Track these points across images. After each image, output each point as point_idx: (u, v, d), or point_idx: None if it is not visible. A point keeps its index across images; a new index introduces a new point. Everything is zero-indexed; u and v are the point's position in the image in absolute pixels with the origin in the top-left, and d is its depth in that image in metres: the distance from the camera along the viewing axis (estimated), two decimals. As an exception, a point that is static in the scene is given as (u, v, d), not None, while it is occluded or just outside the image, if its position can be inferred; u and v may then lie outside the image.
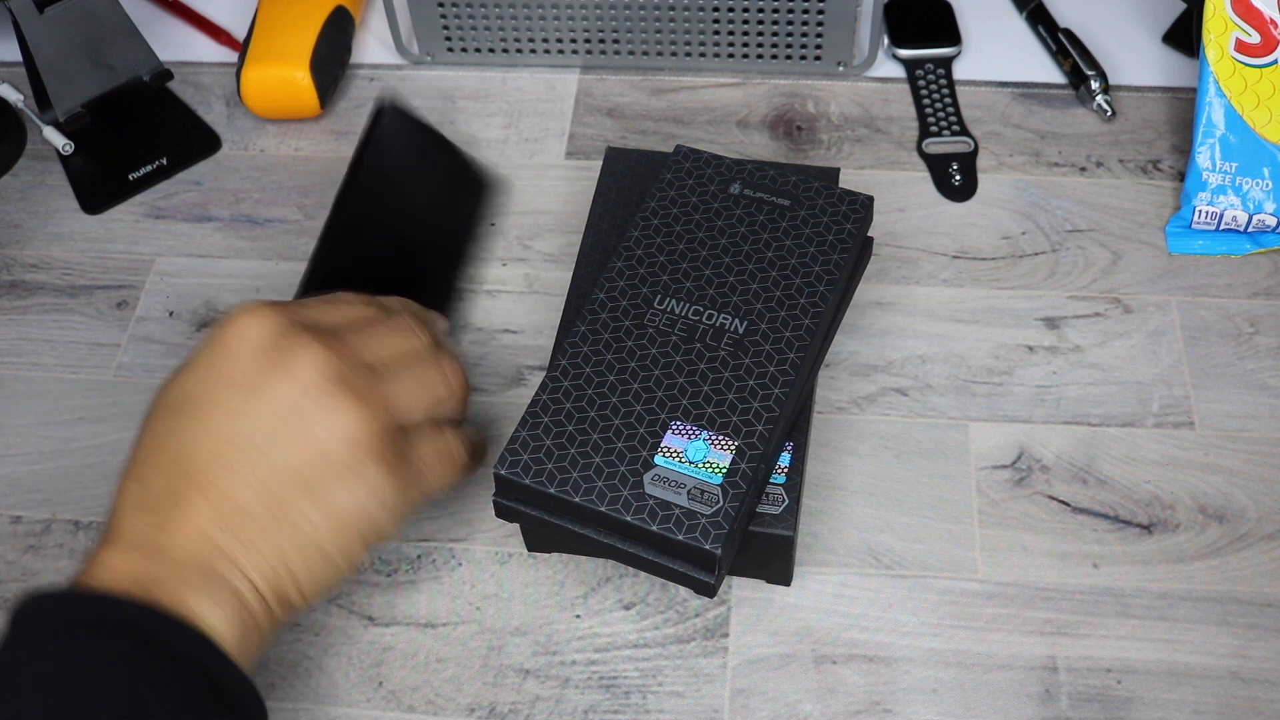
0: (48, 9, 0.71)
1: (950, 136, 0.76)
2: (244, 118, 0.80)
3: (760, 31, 0.78)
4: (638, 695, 0.56)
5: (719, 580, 0.52)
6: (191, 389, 0.49)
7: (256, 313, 0.49)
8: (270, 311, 0.49)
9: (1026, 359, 0.66)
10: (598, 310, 0.58)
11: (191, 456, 0.47)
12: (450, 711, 0.56)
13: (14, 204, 0.76)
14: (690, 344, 0.56)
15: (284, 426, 0.47)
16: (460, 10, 0.79)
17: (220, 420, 0.48)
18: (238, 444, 0.47)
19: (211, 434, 0.48)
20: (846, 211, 0.61)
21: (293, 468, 0.47)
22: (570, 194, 0.75)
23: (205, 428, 0.48)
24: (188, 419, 0.48)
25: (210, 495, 0.47)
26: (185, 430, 0.48)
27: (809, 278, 0.59)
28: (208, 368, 0.49)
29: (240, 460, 0.47)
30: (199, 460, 0.47)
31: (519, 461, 0.53)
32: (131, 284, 0.72)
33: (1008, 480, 0.62)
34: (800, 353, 0.56)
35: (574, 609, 0.59)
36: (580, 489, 0.52)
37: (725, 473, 0.52)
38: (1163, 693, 0.56)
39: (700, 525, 0.51)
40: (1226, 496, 0.61)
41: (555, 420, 0.54)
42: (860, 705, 0.56)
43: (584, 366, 0.56)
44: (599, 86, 0.81)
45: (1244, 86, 0.70)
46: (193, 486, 0.47)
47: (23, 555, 0.62)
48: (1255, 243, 0.70)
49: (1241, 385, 0.65)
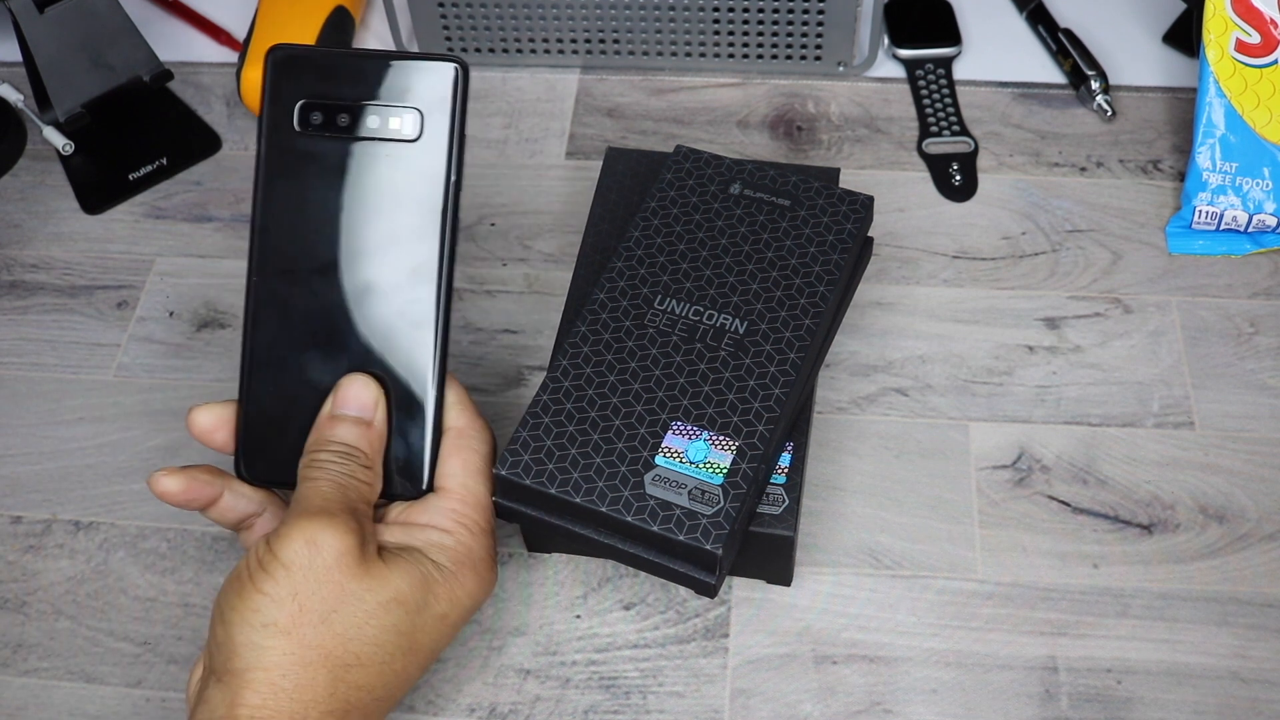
0: (48, 9, 0.71)
1: (950, 136, 0.76)
2: (244, 118, 0.80)
3: (760, 31, 0.78)
4: (638, 695, 0.56)
5: (720, 580, 0.52)
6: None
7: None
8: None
9: (1026, 359, 0.66)
10: (598, 310, 0.58)
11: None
12: (450, 711, 0.56)
13: (14, 204, 0.76)
14: (691, 344, 0.56)
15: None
16: (460, 10, 0.79)
17: None
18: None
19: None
20: (847, 212, 0.61)
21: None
22: (570, 194, 0.75)
23: None
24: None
25: None
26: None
27: (809, 278, 0.59)
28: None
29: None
30: None
31: (519, 462, 0.53)
32: (131, 284, 0.72)
33: (1008, 480, 0.62)
34: (801, 353, 0.56)
35: (574, 609, 0.59)
36: (581, 489, 0.52)
37: (726, 473, 0.52)
38: (1163, 693, 0.56)
39: (701, 525, 0.51)
40: (1226, 497, 0.61)
41: (556, 421, 0.54)
42: (860, 705, 0.56)
43: (584, 367, 0.56)
44: (599, 86, 0.81)
45: (1244, 86, 0.70)
46: None
47: (23, 555, 0.62)
48: (1255, 243, 0.70)
49: (1241, 385, 0.65)
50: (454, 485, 0.52)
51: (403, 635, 0.48)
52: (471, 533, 0.51)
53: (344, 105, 0.51)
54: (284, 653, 0.46)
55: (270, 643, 0.46)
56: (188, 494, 0.51)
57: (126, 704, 0.57)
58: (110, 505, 0.63)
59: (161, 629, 0.59)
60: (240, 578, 0.47)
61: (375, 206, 0.51)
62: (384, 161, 0.51)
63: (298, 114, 0.51)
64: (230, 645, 0.46)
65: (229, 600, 0.47)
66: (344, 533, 0.47)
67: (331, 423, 0.51)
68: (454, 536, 0.51)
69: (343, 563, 0.47)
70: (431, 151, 0.51)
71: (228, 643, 0.46)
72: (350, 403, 0.51)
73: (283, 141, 0.51)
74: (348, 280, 0.52)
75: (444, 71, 0.51)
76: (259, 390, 0.52)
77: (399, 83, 0.51)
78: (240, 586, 0.47)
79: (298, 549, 0.47)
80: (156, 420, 0.66)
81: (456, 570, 0.50)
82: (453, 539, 0.51)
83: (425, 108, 0.51)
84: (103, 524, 0.63)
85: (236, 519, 0.53)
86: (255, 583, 0.47)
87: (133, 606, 0.60)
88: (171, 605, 0.60)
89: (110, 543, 0.62)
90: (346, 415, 0.51)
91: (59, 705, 0.57)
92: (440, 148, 0.51)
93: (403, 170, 0.51)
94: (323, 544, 0.47)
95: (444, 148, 0.51)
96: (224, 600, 0.47)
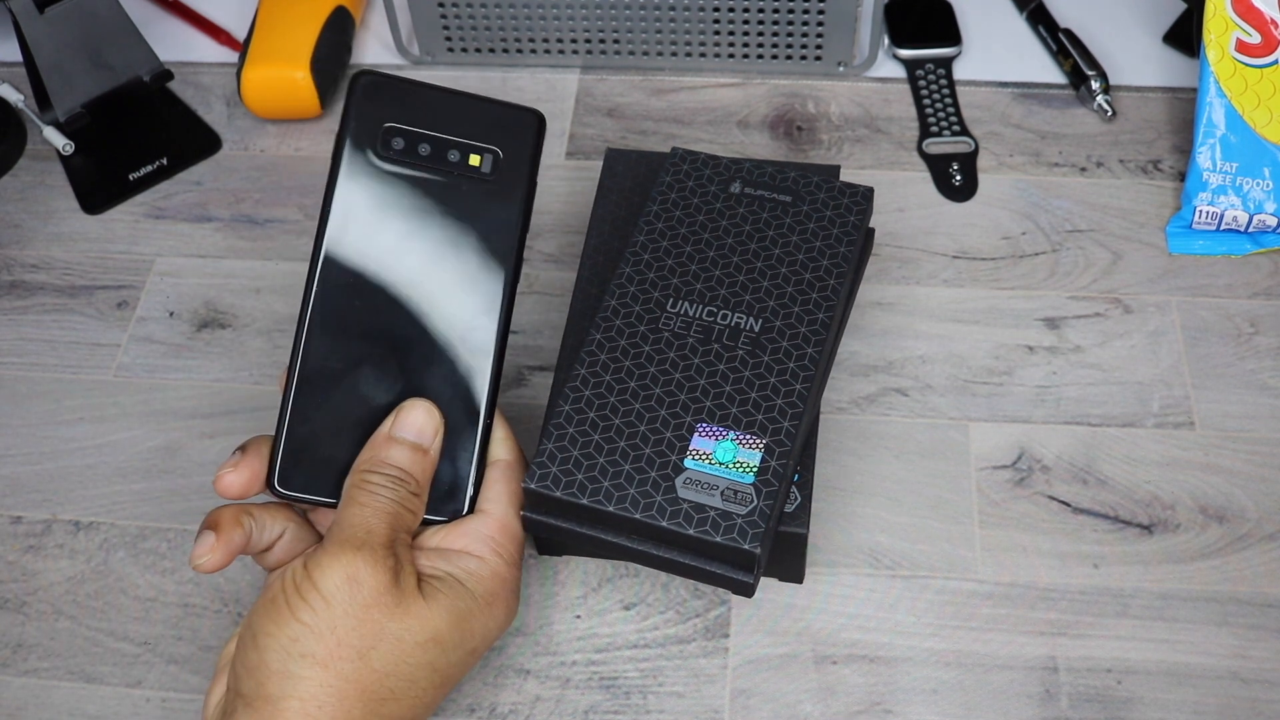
0: (48, 9, 0.71)
1: (950, 136, 0.76)
2: (244, 118, 0.80)
3: (760, 31, 0.78)
4: (638, 695, 0.56)
5: (757, 579, 0.52)
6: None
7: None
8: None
9: (1027, 359, 0.66)
10: (611, 317, 0.58)
11: None
12: (450, 711, 0.56)
13: (14, 204, 0.76)
14: (708, 345, 0.56)
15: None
16: (460, 10, 0.79)
17: None
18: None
19: None
20: (848, 204, 0.61)
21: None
22: (570, 194, 0.75)
23: None
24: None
25: None
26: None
27: (818, 271, 0.59)
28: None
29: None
30: None
31: (548, 474, 0.53)
32: (131, 284, 0.72)
33: (1008, 480, 0.62)
34: (818, 346, 0.56)
35: (574, 609, 0.59)
36: (613, 498, 0.52)
37: (757, 471, 0.52)
38: (1163, 693, 0.56)
39: (737, 525, 0.51)
40: (1226, 496, 0.61)
41: (580, 430, 0.54)
42: (860, 705, 0.56)
43: (603, 374, 0.55)
44: (599, 86, 0.81)
45: (1244, 86, 0.70)
46: None
47: (23, 555, 0.62)
48: (1256, 243, 0.70)
49: (1241, 385, 0.65)
50: (495, 512, 0.52)
51: (437, 672, 0.49)
52: (506, 563, 0.51)
53: (427, 135, 0.53)
54: (320, 684, 0.46)
55: (307, 673, 0.46)
56: (229, 559, 0.51)
57: (126, 704, 0.57)
58: (110, 505, 0.63)
59: (161, 629, 0.59)
60: (277, 603, 0.47)
61: (446, 237, 0.53)
62: (459, 195, 0.53)
63: (381, 137, 0.53)
64: (264, 670, 0.46)
65: (264, 625, 0.47)
66: (384, 570, 0.47)
67: (388, 444, 0.51)
68: (489, 565, 0.51)
69: (382, 601, 0.47)
70: (506, 192, 0.53)
71: (261, 668, 0.46)
72: (410, 427, 0.51)
73: (361, 162, 0.53)
74: (411, 303, 0.53)
75: (526, 118, 0.54)
76: (306, 403, 0.52)
77: (481, 122, 0.53)
78: (277, 613, 0.47)
79: (338, 584, 0.47)
80: (156, 420, 0.66)
81: (490, 601, 0.50)
82: (488, 568, 0.51)
83: (504, 150, 0.53)
84: (103, 524, 0.63)
85: (259, 550, 0.52)
86: (294, 611, 0.47)
87: (133, 606, 0.60)
88: (171, 605, 0.60)
89: (110, 543, 0.62)
90: (405, 439, 0.51)
91: (59, 705, 0.57)
92: (514, 189, 0.53)
93: (476, 205, 0.53)
94: (363, 581, 0.47)
95: (518, 190, 0.53)
96: (258, 623, 0.47)
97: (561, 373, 0.61)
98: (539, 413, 0.65)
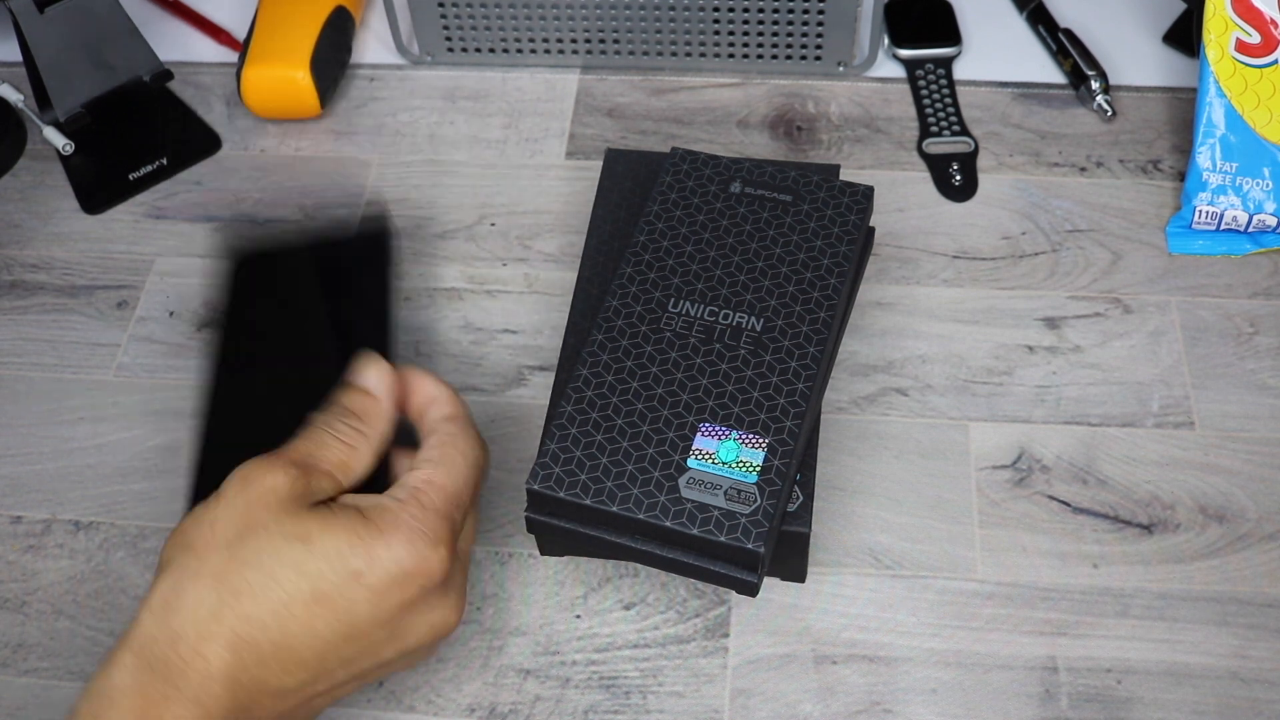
0: (48, 9, 0.71)
1: (950, 136, 0.76)
2: (244, 118, 0.80)
3: (760, 31, 0.78)
4: (638, 695, 0.56)
5: (761, 579, 0.52)
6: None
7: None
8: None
9: (1026, 359, 0.66)
10: (612, 318, 0.58)
11: None
12: (450, 711, 0.56)
13: (14, 204, 0.76)
14: (709, 344, 0.56)
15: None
16: (460, 10, 0.79)
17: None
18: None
19: None
20: (849, 203, 0.61)
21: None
22: (570, 194, 0.75)
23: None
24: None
25: None
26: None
27: (819, 270, 0.59)
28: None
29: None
30: None
31: (551, 475, 0.53)
32: (131, 284, 0.72)
33: (1008, 480, 0.62)
34: (820, 346, 0.56)
35: (574, 609, 0.59)
36: (616, 498, 0.52)
37: (760, 470, 0.52)
38: (1163, 693, 0.56)
39: (741, 525, 0.51)
40: (1226, 496, 0.61)
41: (583, 431, 0.54)
42: (860, 705, 0.56)
43: (605, 375, 0.55)
44: (599, 86, 0.81)
45: (1244, 86, 0.70)
46: None
47: (23, 555, 0.62)
48: (1255, 243, 0.70)
49: (1241, 385, 0.65)
50: (428, 471, 0.51)
51: (304, 577, 0.47)
52: (423, 506, 0.49)
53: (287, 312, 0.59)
54: (183, 569, 0.47)
55: (180, 559, 0.48)
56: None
57: (126, 704, 0.57)
58: (110, 505, 0.63)
59: (161, 629, 0.59)
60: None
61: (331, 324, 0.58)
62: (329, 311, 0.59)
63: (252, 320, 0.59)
64: (160, 564, 0.49)
65: (179, 525, 0.49)
66: (277, 474, 0.48)
67: (339, 390, 0.52)
68: (402, 505, 0.49)
69: (266, 499, 0.48)
70: (372, 299, 0.60)
71: (160, 565, 0.49)
72: (362, 375, 0.53)
73: (243, 327, 0.59)
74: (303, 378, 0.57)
75: (375, 242, 0.61)
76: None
77: (333, 269, 0.59)
78: (191, 514, 0.49)
79: (232, 481, 0.49)
80: (156, 420, 0.66)
81: (385, 531, 0.48)
82: (397, 504, 0.49)
83: (362, 286, 0.60)
84: (103, 524, 0.63)
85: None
86: (193, 510, 0.49)
87: (132, 606, 0.60)
88: (171, 605, 0.60)
89: (110, 543, 0.62)
90: (354, 384, 0.53)
91: (59, 705, 0.57)
92: (379, 298, 0.59)
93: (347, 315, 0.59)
94: (252, 480, 0.48)
95: (381, 295, 0.59)
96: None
97: (563, 373, 0.61)
98: (539, 412, 0.65)
